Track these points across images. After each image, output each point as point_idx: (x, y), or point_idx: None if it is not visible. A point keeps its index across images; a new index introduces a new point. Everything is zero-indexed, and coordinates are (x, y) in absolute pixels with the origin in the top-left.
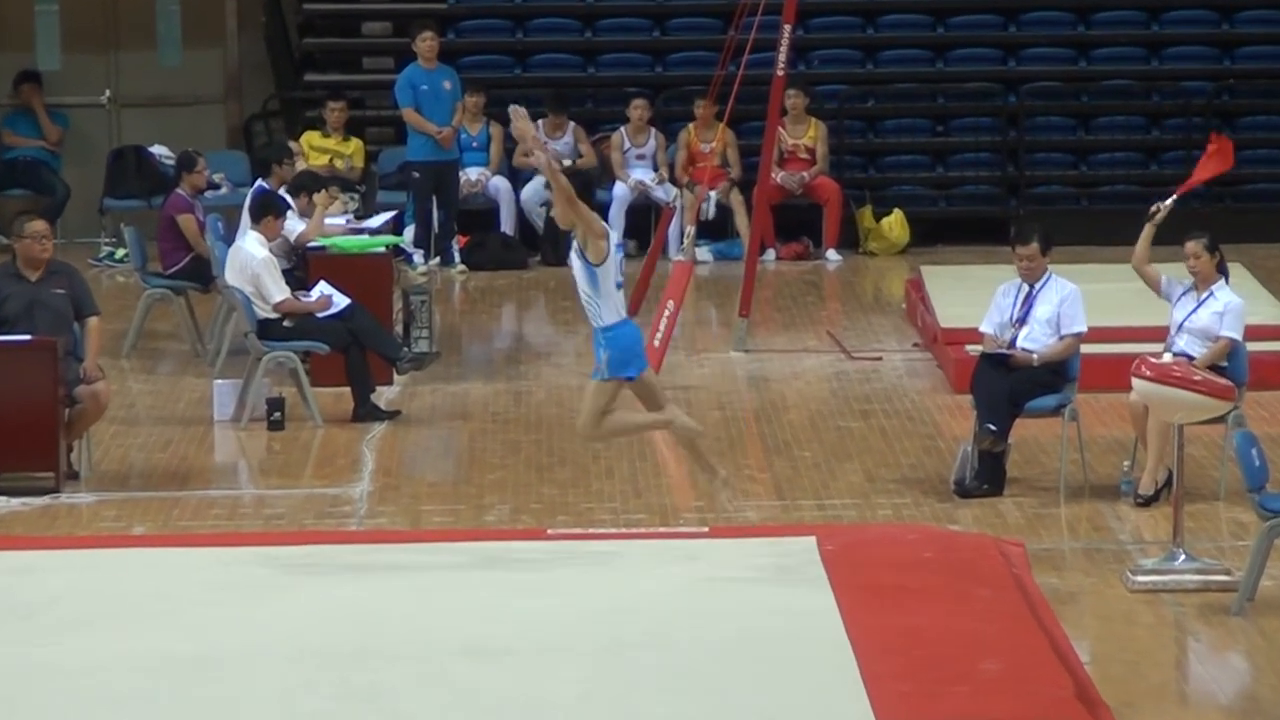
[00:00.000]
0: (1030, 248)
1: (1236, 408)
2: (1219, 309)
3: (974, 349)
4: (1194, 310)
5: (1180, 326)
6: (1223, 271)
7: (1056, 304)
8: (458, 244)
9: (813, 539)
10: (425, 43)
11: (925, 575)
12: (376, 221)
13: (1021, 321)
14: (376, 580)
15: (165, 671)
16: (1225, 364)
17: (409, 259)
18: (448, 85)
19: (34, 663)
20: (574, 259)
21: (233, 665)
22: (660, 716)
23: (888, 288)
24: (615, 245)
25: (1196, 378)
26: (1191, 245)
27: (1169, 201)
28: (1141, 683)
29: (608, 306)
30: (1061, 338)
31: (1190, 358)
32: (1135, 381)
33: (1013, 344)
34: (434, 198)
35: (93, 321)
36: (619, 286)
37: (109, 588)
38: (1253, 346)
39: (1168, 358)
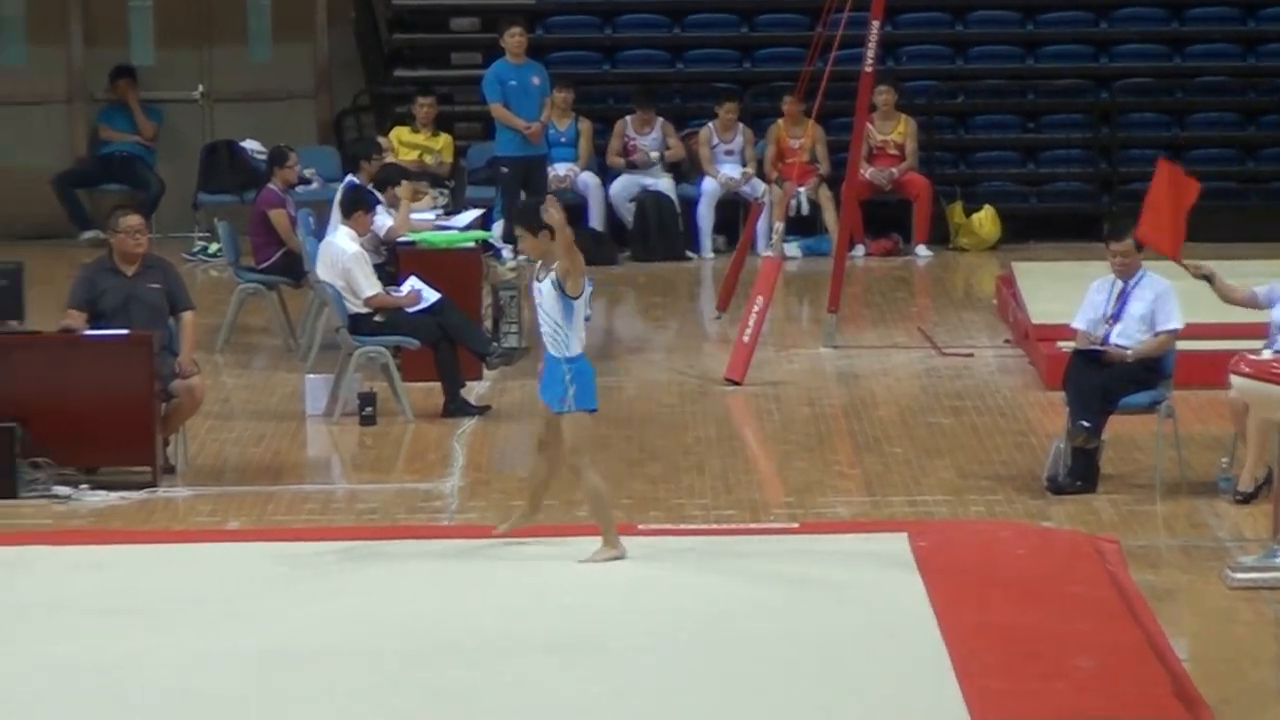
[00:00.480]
0: (1125, 244)
1: None
2: None
3: (1066, 345)
4: None
5: None
6: None
7: (1150, 300)
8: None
9: (904, 535)
10: (513, 38)
11: (1019, 572)
12: (463, 220)
13: (1115, 318)
14: (466, 576)
15: (256, 668)
16: None
17: (498, 254)
18: (536, 81)
19: (128, 657)
20: (546, 288)
21: (322, 662)
22: (751, 715)
23: (978, 284)
24: (587, 281)
25: None
26: None
27: (1207, 265)
28: (1241, 680)
29: (575, 338)
30: (1156, 334)
31: None
32: (1234, 378)
33: (1106, 340)
34: (522, 193)
35: (188, 316)
36: (587, 319)
37: (204, 582)
38: None
39: (1267, 355)
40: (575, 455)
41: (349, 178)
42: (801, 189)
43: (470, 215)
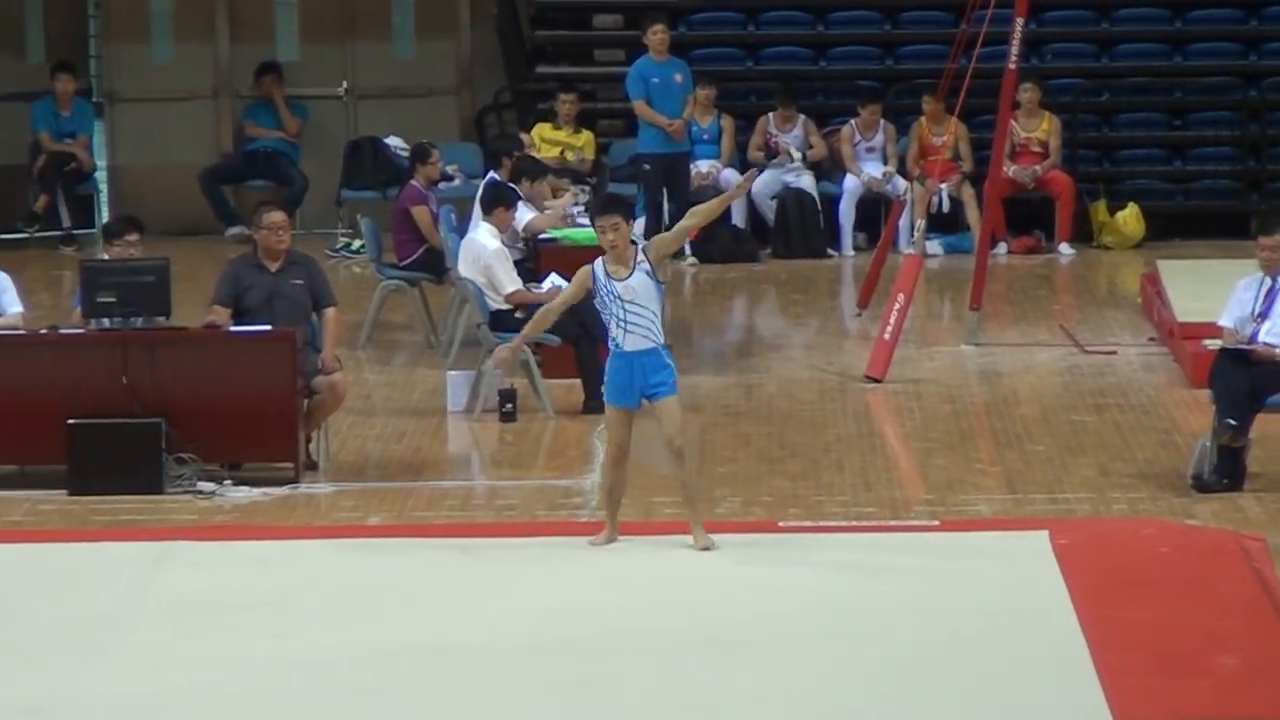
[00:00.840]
0: (1275, 237)
1: None
2: None
3: (1212, 343)
4: None
5: None
6: None
7: None
8: (689, 236)
9: (1045, 533)
10: (656, 35)
11: (1162, 569)
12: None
13: (1263, 316)
14: (608, 572)
15: (399, 664)
16: None
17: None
18: (679, 78)
19: (271, 653)
20: (640, 281)
21: (466, 657)
22: (892, 712)
23: (1122, 282)
24: None
25: None
26: None
27: None
28: None
29: (661, 326)
30: None
31: None
32: None
33: (1254, 339)
34: (665, 190)
35: (330, 312)
36: None
37: (345, 579)
38: None
39: None
40: (682, 436)
41: (490, 174)
42: (943, 186)
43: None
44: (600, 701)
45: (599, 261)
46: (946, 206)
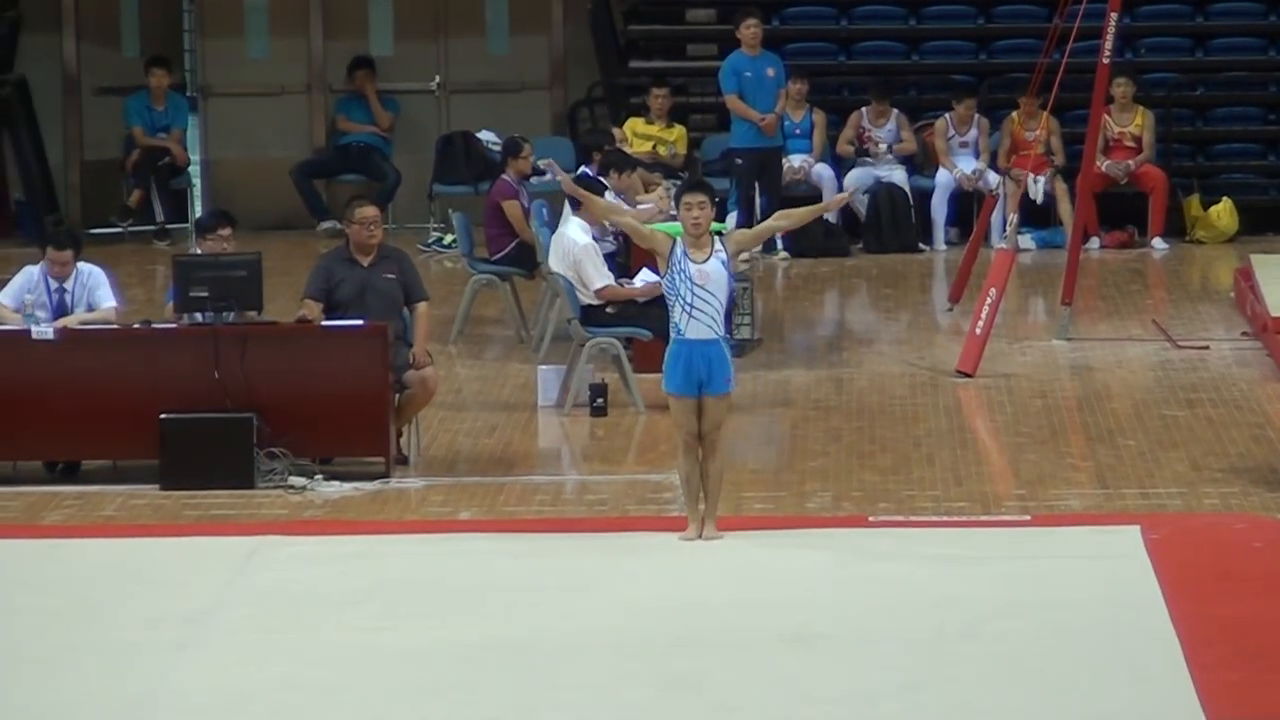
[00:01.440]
0: None
1: None
2: None
3: None
4: None
5: None
6: None
7: None
8: (780, 232)
9: (1137, 528)
10: (749, 30)
11: (1255, 565)
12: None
13: None
14: (696, 566)
15: (487, 659)
16: None
17: None
18: (771, 72)
19: (362, 648)
20: (715, 268)
21: (554, 653)
22: (983, 707)
23: (1215, 276)
24: None
25: None
26: None
27: None
28: None
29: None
30: None
31: None
32: None
33: None
34: (757, 185)
35: (422, 307)
36: None
37: (436, 573)
38: None
39: None
40: (718, 431)
41: (582, 168)
42: (1039, 178)
43: (644, 275)
44: (690, 698)
45: (679, 240)
46: (1040, 198)
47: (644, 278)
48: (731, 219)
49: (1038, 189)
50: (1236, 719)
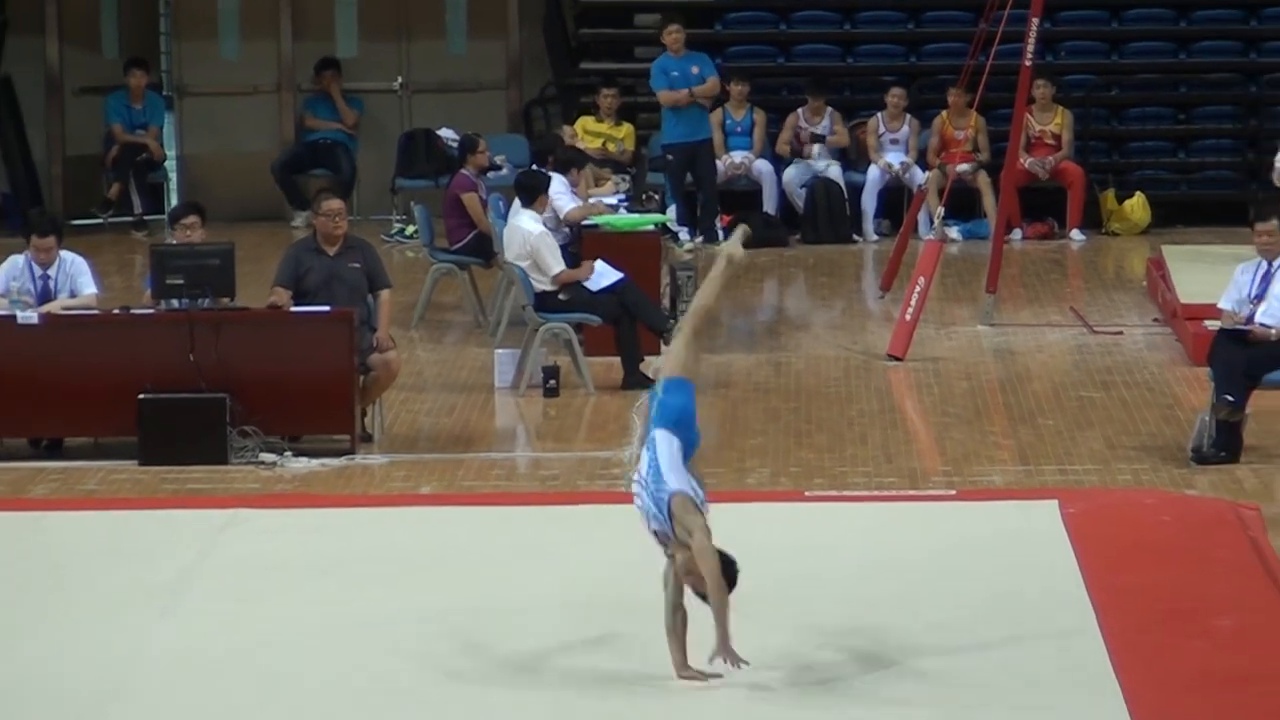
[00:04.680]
0: (1270, 224)
1: None
2: None
3: (1212, 324)
4: None
5: None
6: None
7: None
8: (721, 222)
9: (1055, 502)
10: (671, 35)
11: (1163, 537)
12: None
13: (1259, 298)
14: (640, 537)
15: (447, 623)
16: None
17: (675, 237)
18: (695, 69)
19: (328, 613)
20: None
21: (508, 617)
22: (912, 667)
23: (1129, 266)
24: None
25: None
26: None
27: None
28: None
29: None
30: None
31: None
32: None
33: (1250, 319)
34: (691, 176)
35: (385, 294)
36: None
37: (399, 544)
38: None
39: None
40: None
41: (534, 166)
42: (964, 167)
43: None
44: (633, 657)
45: None
46: (963, 190)
47: (599, 269)
48: (671, 210)
49: (966, 170)
50: (1144, 676)
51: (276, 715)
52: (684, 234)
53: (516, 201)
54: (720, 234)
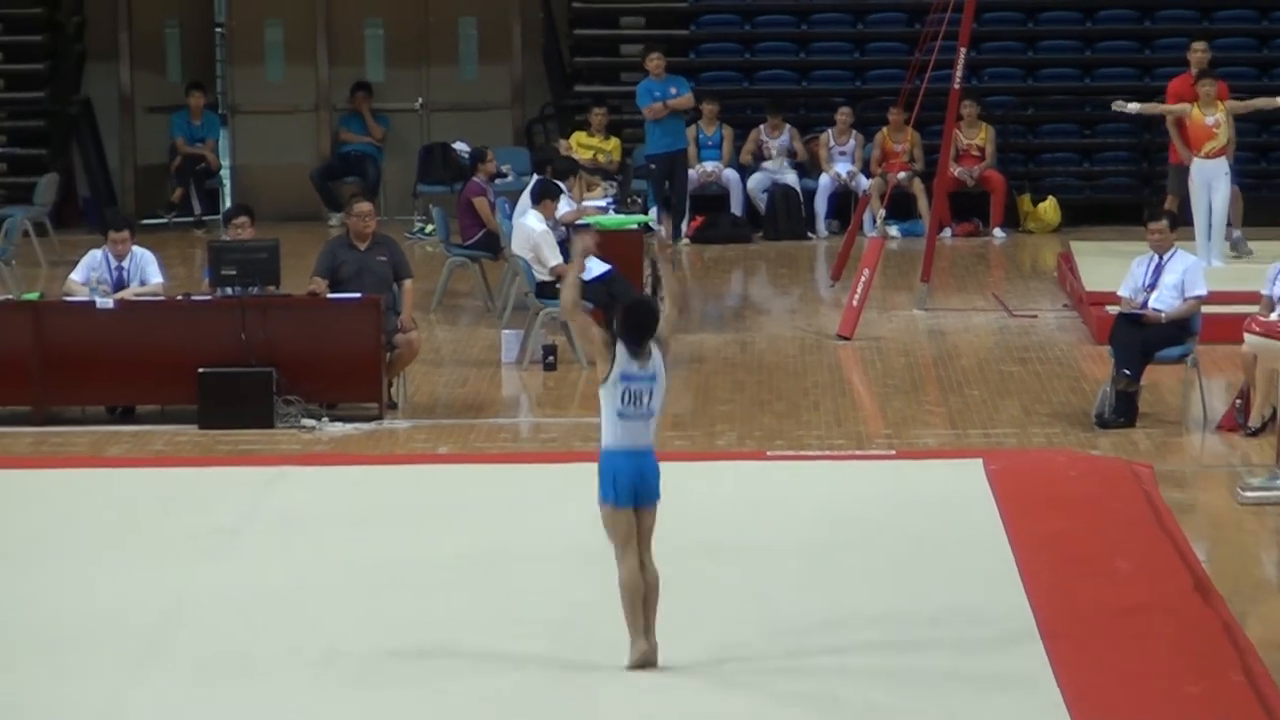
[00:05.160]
0: (1161, 224)
1: None
2: None
3: (1113, 309)
4: None
5: None
6: None
7: (1181, 272)
8: (693, 224)
9: (980, 461)
10: (653, 62)
11: (1072, 490)
12: (594, 271)
13: (1152, 286)
14: None
15: (461, 566)
16: None
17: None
18: (674, 90)
19: (359, 557)
20: (660, 364)
21: (515, 561)
22: (857, 603)
23: (1042, 259)
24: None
25: None
26: None
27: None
28: (1248, 578)
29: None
30: (1185, 300)
31: None
32: (1246, 336)
33: (1145, 305)
34: (669, 183)
35: (408, 283)
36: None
37: (420, 497)
38: None
39: (1274, 317)
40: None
41: (538, 176)
42: (901, 174)
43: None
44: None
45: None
46: (899, 194)
47: (591, 263)
48: (653, 212)
49: (901, 180)
50: (1055, 608)
51: (316, 645)
52: (662, 231)
53: (523, 202)
54: (682, 232)
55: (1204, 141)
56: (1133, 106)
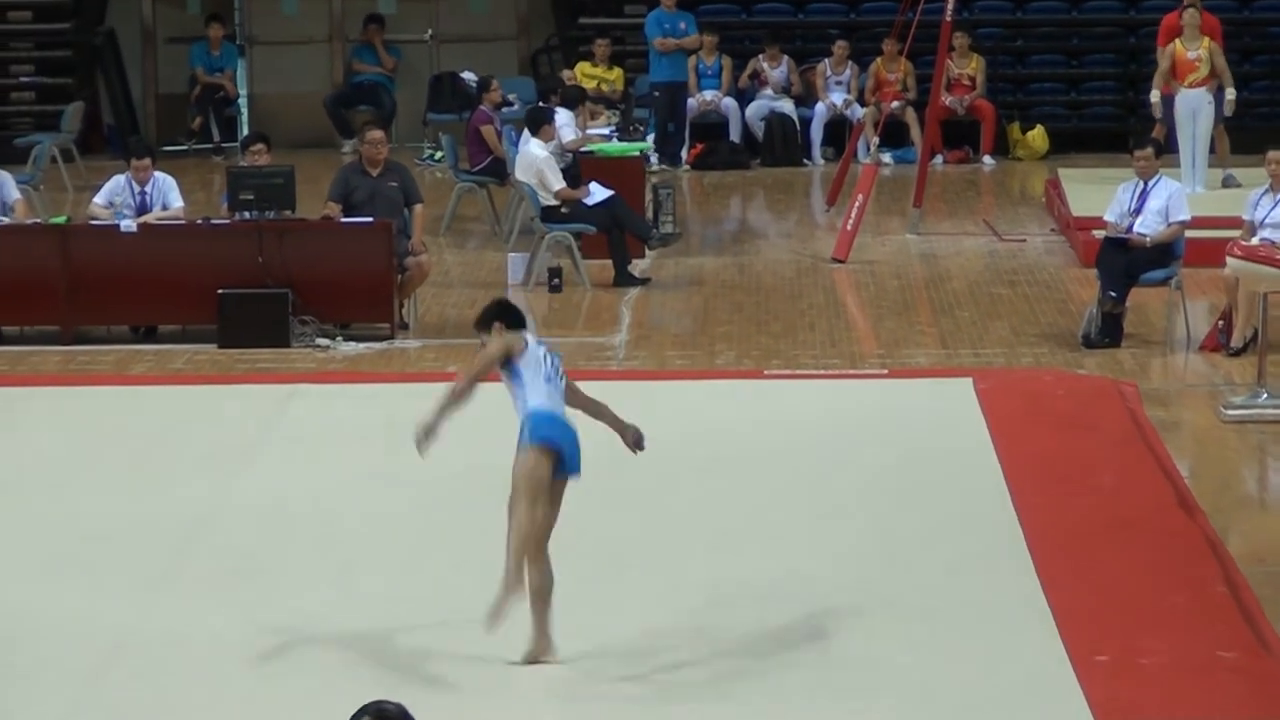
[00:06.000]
0: (1146, 152)
1: None
2: None
3: (1099, 233)
4: (1272, 209)
5: (1262, 223)
6: None
7: (1165, 198)
8: (692, 152)
9: (970, 380)
10: None
11: (1059, 408)
12: (596, 196)
13: (1137, 212)
14: (634, 407)
15: (472, 479)
16: None
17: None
18: (682, 25)
19: (373, 472)
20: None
21: None
22: (851, 511)
23: (1031, 186)
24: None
25: (1278, 256)
26: (1273, 153)
27: None
28: (1230, 494)
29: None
30: (1169, 224)
31: (1273, 243)
32: (1229, 259)
33: (1130, 229)
34: (669, 110)
35: (418, 208)
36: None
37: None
38: None
39: (1256, 241)
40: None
41: (540, 104)
42: (895, 103)
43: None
44: (631, 508)
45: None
46: (893, 122)
47: (591, 187)
48: (650, 138)
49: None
50: (1042, 522)
51: (334, 547)
52: (653, 158)
53: (526, 131)
54: (682, 159)
55: (1187, 73)
56: (1154, 96)
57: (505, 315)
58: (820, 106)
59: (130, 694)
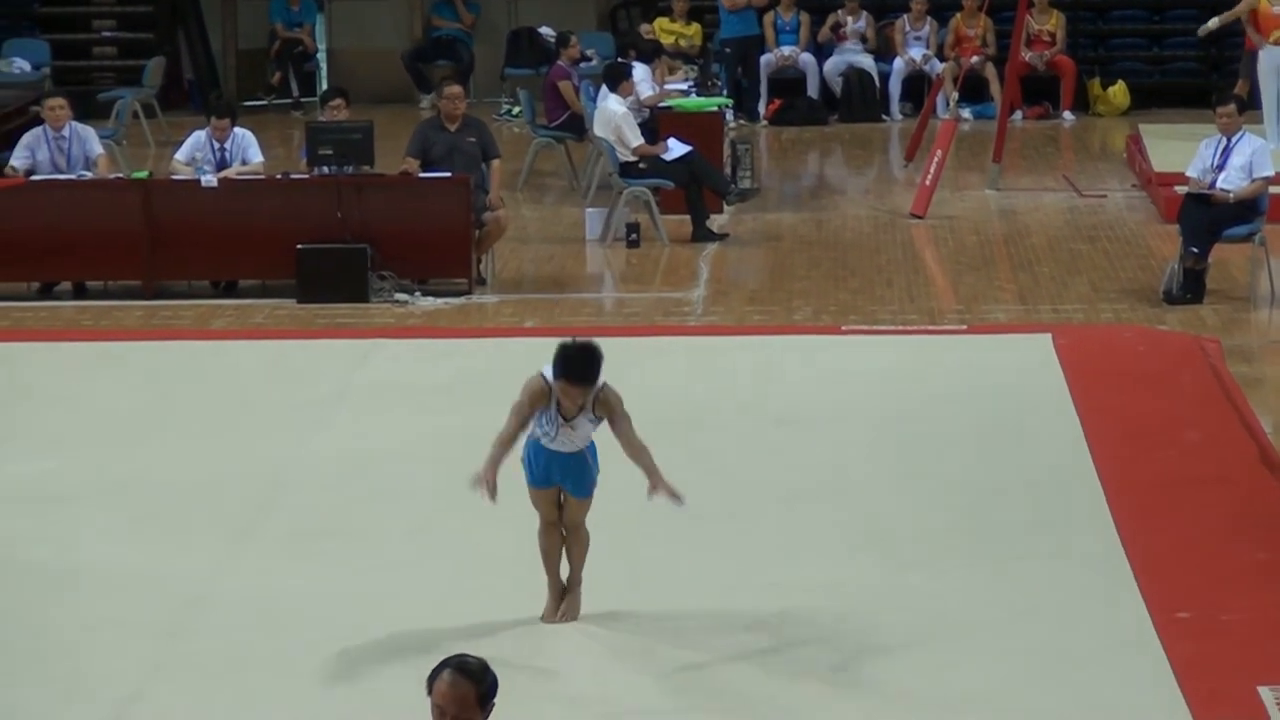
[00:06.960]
0: (1229, 107)
1: None
2: None
3: (1181, 189)
4: None
5: None
6: None
7: (1249, 154)
8: (770, 107)
9: (1049, 336)
10: None
11: (1139, 364)
12: (674, 152)
13: (1220, 167)
14: (712, 363)
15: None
16: None
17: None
18: None
19: (451, 426)
20: (585, 425)
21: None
22: (929, 469)
23: (1112, 141)
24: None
25: None
26: None
27: None
28: None
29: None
30: (1253, 180)
31: None
32: None
33: (1213, 185)
34: (741, 68)
35: (496, 163)
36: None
37: (508, 368)
38: None
39: None
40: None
41: (619, 59)
42: (974, 59)
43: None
44: (704, 465)
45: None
46: (973, 78)
47: (669, 142)
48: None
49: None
50: (1122, 479)
51: (412, 504)
52: (729, 115)
53: (604, 86)
54: (760, 114)
55: (1272, 29)
56: (1212, 23)
57: (556, 363)
58: (898, 62)
59: (209, 649)
